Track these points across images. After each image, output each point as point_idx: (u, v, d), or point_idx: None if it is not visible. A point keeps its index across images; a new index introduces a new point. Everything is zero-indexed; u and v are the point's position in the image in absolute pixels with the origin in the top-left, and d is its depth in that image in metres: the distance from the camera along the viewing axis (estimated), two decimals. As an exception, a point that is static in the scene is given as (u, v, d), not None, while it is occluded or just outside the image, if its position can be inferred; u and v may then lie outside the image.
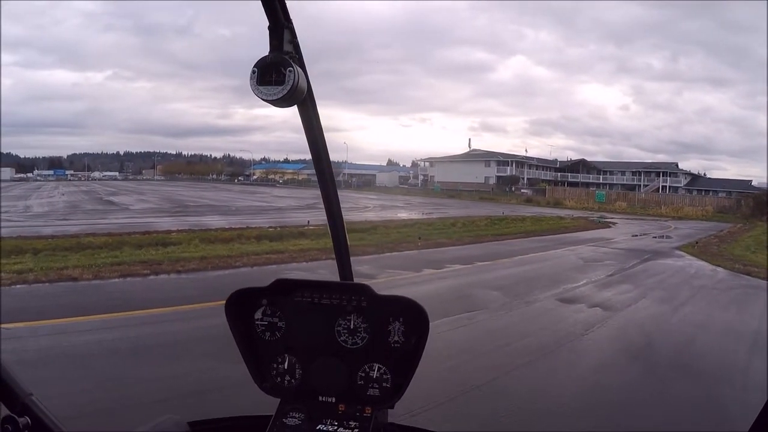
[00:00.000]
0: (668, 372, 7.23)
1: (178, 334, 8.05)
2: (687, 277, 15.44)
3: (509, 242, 22.53)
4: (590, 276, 14.43)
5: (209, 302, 9.28)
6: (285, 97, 1.21)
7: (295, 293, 1.78)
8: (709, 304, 11.94)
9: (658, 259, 19.07)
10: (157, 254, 14.49)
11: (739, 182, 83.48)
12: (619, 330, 9.32)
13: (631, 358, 7.82)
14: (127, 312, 8.86)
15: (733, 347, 8.61)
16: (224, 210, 34.86)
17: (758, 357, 8.01)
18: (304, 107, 1.50)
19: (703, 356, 8.08)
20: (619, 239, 26.53)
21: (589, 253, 19.87)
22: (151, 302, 9.68)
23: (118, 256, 13.85)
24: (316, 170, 1.71)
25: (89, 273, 11.90)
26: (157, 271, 12.56)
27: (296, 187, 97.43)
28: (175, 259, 13.91)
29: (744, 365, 7.73)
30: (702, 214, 57.08)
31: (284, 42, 1.25)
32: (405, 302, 1.69)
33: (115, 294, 10.47)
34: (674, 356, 7.96)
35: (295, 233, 20.55)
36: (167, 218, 27.07)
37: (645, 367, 7.49)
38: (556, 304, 10.91)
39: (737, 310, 11.48)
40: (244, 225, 22.95)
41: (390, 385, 1.67)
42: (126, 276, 12.02)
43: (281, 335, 1.77)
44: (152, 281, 11.89)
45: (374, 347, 1.70)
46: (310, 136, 1.58)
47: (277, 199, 53.25)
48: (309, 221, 25.08)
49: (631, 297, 12.01)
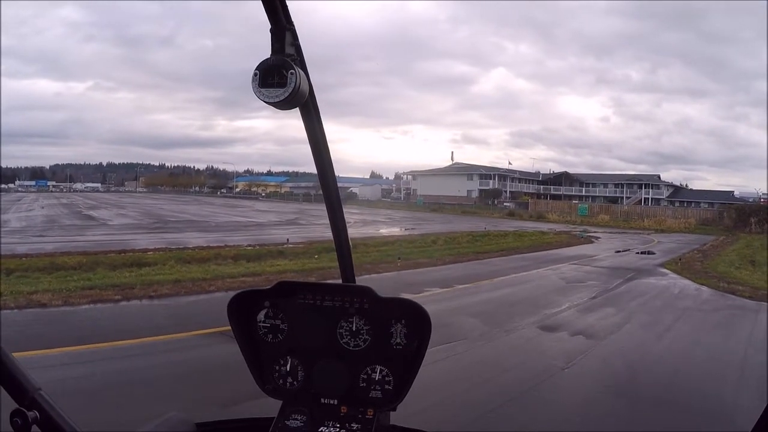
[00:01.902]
0: (653, 409, 6.92)
1: (135, 373, 7.53)
2: (671, 298, 15.27)
3: (490, 261, 22.28)
4: (572, 299, 14.15)
5: (176, 333, 9.07)
6: (287, 99, 1.19)
7: (298, 295, 1.81)
8: (694, 329, 11.72)
9: (641, 278, 18.90)
10: (131, 277, 14.18)
11: (721, 193, 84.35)
12: (602, 362, 9.01)
13: (614, 395, 7.49)
14: (89, 345, 8.41)
15: (721, 378, 8.32)
16: (204, 226, 34.57)
17: (746, 390, 7.74)
18: (306, 110, 1.49)
19: (690, 391, 7.79)
20: (602, 256, 26.44)
21: (571, 272, 19.64)
22: (116, 333, 9.18)
23: (90, 279, 13.56)
24: (318, 172, 1.70)
25: (59, 298, 11.50)
26: (128, 297, 12.19)
27: (279, 200, 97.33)
28: (149, 282, 13.55)
29: (732, 399, 7.44)
30: (685, 227, 57.48)
31: (286, 44, 1.23)
32: (407, 304, 1.72)
33: (84, 323, 10.08)
34: (660, 392, 7.65)
35: (273, 252, 20.30)
36: (145, 235, 26.80)
37: (629, 404, 7.17)
38: (537, 333, 10.58)
39: (723, 335, 11.27)
40: (223, 243, 22.65)
41: (392, 387, 1.69)
42: (96, 302, 11.61)
43: (283, 337, 1.80)
44: (122, 308, 11.44)
45: (376, 349, 1.73)
46: (312, 138, 1.57)
47: (258, 213, 53.13)
48: (288, 239, 24.85)
49: (614, 322, 11.72)
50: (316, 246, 22.45)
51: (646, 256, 27.36)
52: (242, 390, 6.57)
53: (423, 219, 51.80)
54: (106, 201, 73.80)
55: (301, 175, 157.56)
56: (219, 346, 8.57)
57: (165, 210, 53.63)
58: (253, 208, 65.34)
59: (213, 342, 8.86)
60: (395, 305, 1.73)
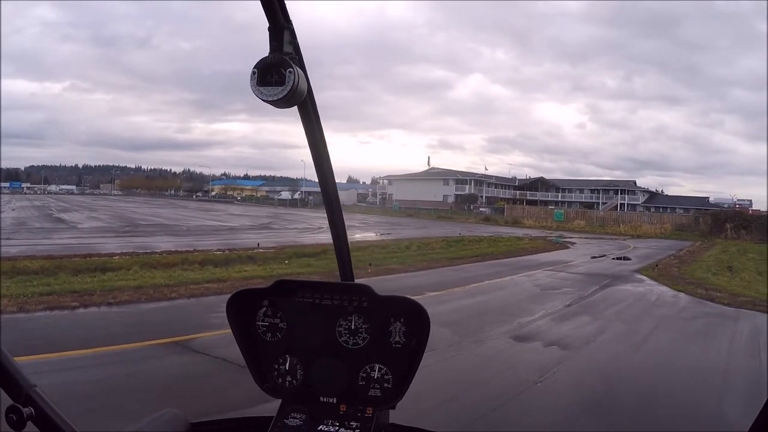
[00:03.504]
0: (632, 427, 6.52)
1: (78, 386, 6.85)
2: (648, 306, 14.98)
3: (464, 267, 21.82)
4: (547, 307, 13.75)
5: (131, 343, 8.66)
6: (285, 98, 1.20)
7: (296, 294, 1.82)
8: (673, 339, 11.40)
9: (617, 284, 18.63)
10: (92, 282, 13.69)
11: (697, 199, 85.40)
12: (578, 375, 8.60)
13: (590, 413, 7.05)
14: (36, 355, 7.78)
15: (702, 393, 7.99)
16: (175, 230, 33.98)
17: (729, 404, 7.42)
18: (305, 108, 1.50)
19: (670, 407, 7.38)
20: (578, 262, 26.16)
21: (546, 279, 19.29)
22: (67, 343, 8.62)
23: (50, 284, 13.07)
24: (316, 171, 1.71)
25: (14, 305, 11.02)
26: (86, 303, 11.71)
27: (254, 204, 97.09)
28: (109, 288, 13.06)
29: (715, 414, 7.11)
30: (660, 232, 57.92)
31: (284, 43, 1.24)
32: (406, 303, 1.73)
33: (34, 332, 9.39)
34: (638, 408, 7.23)
35: (243, 257, 19.74)
36: (114, 239, 26.21)
37: (606, 423, 6.75)
38: (510, 343, 10.13)
39: (703, 344, 10.94)
40: (192, 248, 22.06)
41: (391, 385, 1.70)
42: (53, 308, 11.14)
43: (282, 336, 1.81)
44: (78, 316, 10.91)
45: (375, 348, 1.74)
46: (310, 136, 1.59)
47: (231, 217, 52.76)
48: (259, 243, 24.51)
49: (590, 332, 11.34)
50: (287, 251, 22.19)
51: (622, 262, 27.21)
52: (194, 407, 6.06)
53: (398, 224, 51.49)
54: (79, 204, 72.93)
55: (278, 179, 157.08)
56: (173, 357, 8.32)
57: (137, 213, 53.05)
58: (228, 211, 65.09)
59: (168, 353, 8.54)
60: (394, 304, 1.74)
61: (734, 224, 55.01)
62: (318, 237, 32.24)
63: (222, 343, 8.72)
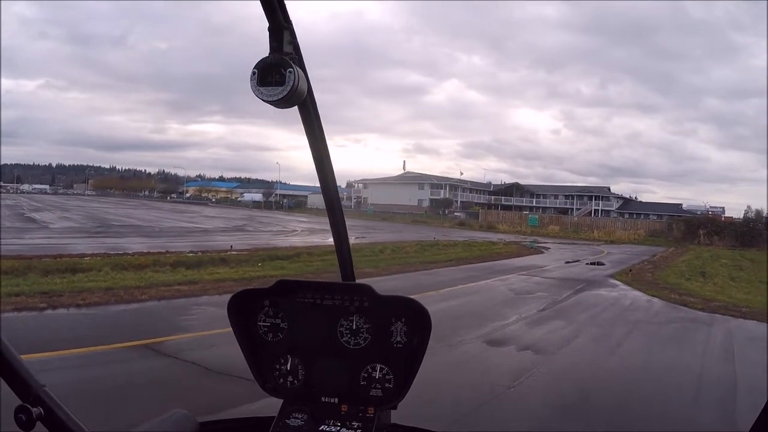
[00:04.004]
0: None
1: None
2: (622, 310, 15.02)
3: (438, 271, 21.75)
4: (521, 311, 13.70)
5: (98, 346, 8.44)
6: (285, 98, 1.20)
7: (298, 294, 1.82)
8: (647, 343, 11.42)
9: (591, 289, 18.68)
10: (62, 283, 13.35)
11: (670, 206, 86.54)
12: (551, 380, 8.48)
13: (563, 416, 6.95)
14: None
15: (677, 399, 7.91)
16: (148, 231, 33.59)
17: (705, 409, 7.44)
18: (305, 108, 1.50)
19: (644, 410, 7.31)
20: (552, 266, 26.30)
21: (520, 283, 19.28)
22: (32, 345, 8.13)
23: (19, 285, 12.72)
24: (317, 171, 1.70)
25: None
26: (55, 305, 11.39)
27: (229, 206, 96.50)
28: (79, 290, 12.75)
29: (688, 417, 7.11)
30: (634, 238, 58.62)
31: (284, 43, 1.24)
32: (407, 302, 1.73)
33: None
34: (612, 412, 7.17)
35: (215, 259, 19.41)
36: (86, 239, 25.71)
37: (580, 426, 6.65)
38: (483, 348, 10.02)
39: (677, 350, 10.90)
40: (164, 249, 21.74)
41: (392, 385, 1.70)
42: (21, 310, 10.81)
43: (284, 336, 1.82)
44: (46, 318, 10.61)
45: (376, 348, 1.74)
46: (311, 136, 1.59)
47: (205, 219, 52.35)
48: (232, 245, 24.32)
49: (564, 336, 11.29)
50: (260, 253, 21.97)
51: (596, 267, 27.44)
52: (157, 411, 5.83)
53: (372, 228, 51.33)
54: (52, 203, 71.81)
55: (253, 182, 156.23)
56: (141, 361, 8.08)
57: (111, 214, 52.34)
58: (202, 213, 64.65)
59: (136, 356, 8.28)
60: (395, 304, 1.74)
61: (707, 230, 55.83)
62: (292, 240, 32.22)
63: (192, 346, 8.59)
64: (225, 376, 7.51)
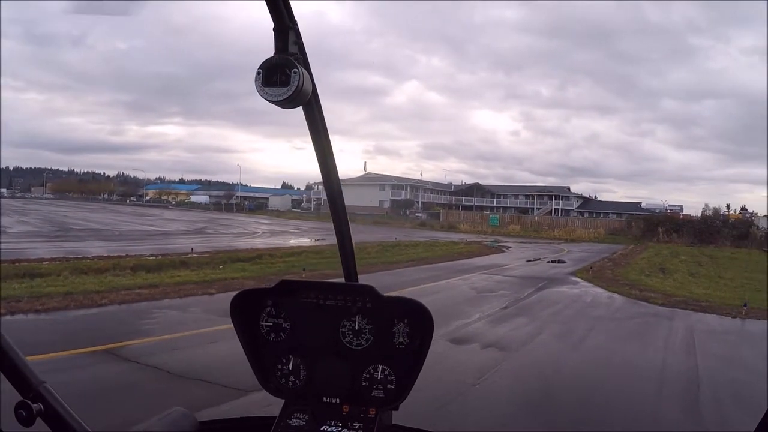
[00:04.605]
0: (570, 427, 6.43)
1: None
2: (584, 307, 15.21)
3: (400, 271, 21.71)
4: (484, 309, 13.76)
5: (56, 353, 8.14)
6: (290, 98, 1.22)
7: (300, 294, 1.82)
8: (609, 339, 11.54)
9: (553, 286, 18.89)
10: (20, 288, 13.08)
11: (629, 204, 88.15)
12: (516, 376, 8.56)
13: (528, 412, 6.97)
14: None
15: (638, 390, 7.99)
16: (107, 235, 32.93)
17: (668, 401, 7.52)
18: (309, 109, 1.50)
19: (607, 404, 7.37)
20: (513, 265, 26.50)
21: (482, 282, 19.39)
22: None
23: None
24: (321, 171, 1.70)
25: None
26: (12, 311, 11.11)
27: (189, 209, 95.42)
28: (38, 295, 12.48)
29: (651, 410, 7.11)
30: (594, 236, 59.47)
31: (289, 43, 1.25)
32: (410, 303, 1.73)
33: None
34: (575, 407, 7.20)
35: (176, 263, 19.20)
36: (44, 244, 25.08)
37: (544, 422, 6.65)
38: (447, 346, 9.96)
39: (639, 344, 11.10)
40: (124, 253, 21.38)
41: (394, 386, 1.70)
42: None
43: (286, 336, 1.82)
44: (3, 324, 10.14)
45: (379, 348, 1.74)
46: (315, 137, 1.59)
47: (166, 222, 51.78)
48: (193, 248, 24.27)
49: (527, 333, 11.37)
50: (221, 256, 21.76)
51: (557, 264, 27.75)
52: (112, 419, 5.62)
53: (333, 230, 51.15)
54: (8, 207, 69.43)
55: (213, 184, 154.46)
56: (100, 366, 7.92)
57: (69, 218, 51.21)
58: (162, 216, 63.84)
59: (96, 361, 8.11)
60: (398, 304, 1.74)
61: (666, 228, 57.04)
62: (253, 242, 32.06)
63: (153, 351, 8.44)
64: (188, 379, 7.44)
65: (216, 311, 11.84)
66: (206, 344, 9.19)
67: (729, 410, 7.35)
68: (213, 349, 8.89)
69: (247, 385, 6.71)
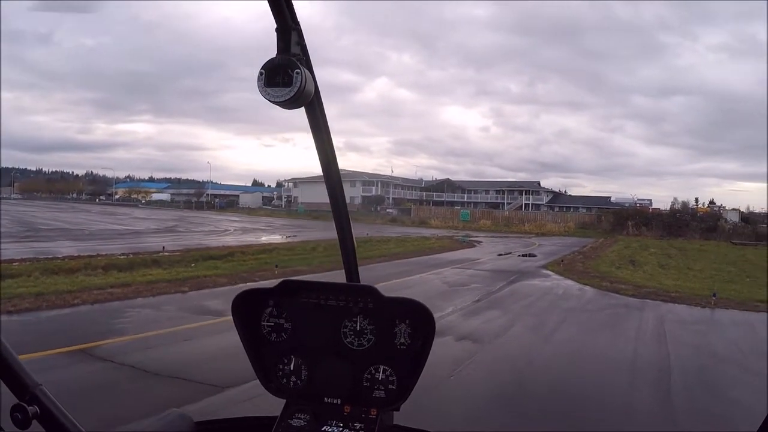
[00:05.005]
0: (545, 420, 6.46)
1: None
2: (556, 299, 15.37)
3: (372, 267, 21.56)
4: (456, 303, 13.81)
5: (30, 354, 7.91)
6: (292, 99, 1.21)
7: (302, 294, 1.83)
8: (581, 330, 11.68)
9: (524, 279, 19.05)
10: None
11: (599, 199, 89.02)
12: (489, 367, 8.63)
13: (502, 403, 7.02)
14: None
15: (611, 379, 8.15)
16: (77, 234, 32.33)
17: (640, 392, 7.58)
18: (312, 109, 1.49)
19: (580, 395, 7.44)
20: (485, 259, 26.70)
21: (454, 276, 19.51)
22: None
23: None
24: (323, 172, 1.71)
25: None
26: None
27: (159, 207, 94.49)
28: (8, 296, 12.28)
29: (624, 400, 7.19)
30: (564, 230, 60.06)
31: (292, 44, 1.25)
32: (411, 304, 1.74)
33: None
34: (548, 398, 7.25)
35: (148, 261, 18.97)
36: (13, 244, 24.36)
37: (518, 413, 6.69)
38: (420, 339, 10.02)
39: (611, 335, 11.27)
40: (95, 252, 21.10)
41: (396, 387, 1.70)
42: None
43: (287, 336, 1.82)
44: None
45: (380, 349, 1.74)
46: (317, 138, 1.60)
47: (136, 221, 51.01)
48: (164, 247, 23.98)
49: (500, 325, 11.47)
50: (193, 254, 21.61)
51: (528, 258, 27.93)
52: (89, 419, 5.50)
53: (304, 226, 51.07)
54: None
55: (183, 182, 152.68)
56: (75, 366, 7.82)
57: (38, 217, 50.15)
58: (132, 215, 62.94)
59: (70, 362, 8.00)
60: (399, 305, 1.75)
61: (635, 222, 57.79)
62: (225, 239, 31.82)
63: (128, 350, 8.35)
64: (164, 377, 7.41)
65: (189, 309, 11.76)
66: (181, 342, 9.15)
67: (700, 396, 7.49)
68: (188, 346, 8.86)
69: (223, 382, 6.66)
